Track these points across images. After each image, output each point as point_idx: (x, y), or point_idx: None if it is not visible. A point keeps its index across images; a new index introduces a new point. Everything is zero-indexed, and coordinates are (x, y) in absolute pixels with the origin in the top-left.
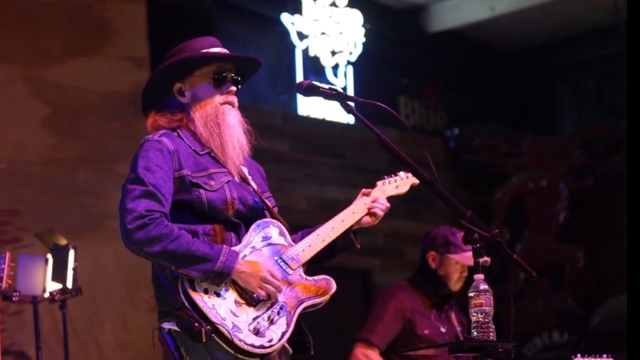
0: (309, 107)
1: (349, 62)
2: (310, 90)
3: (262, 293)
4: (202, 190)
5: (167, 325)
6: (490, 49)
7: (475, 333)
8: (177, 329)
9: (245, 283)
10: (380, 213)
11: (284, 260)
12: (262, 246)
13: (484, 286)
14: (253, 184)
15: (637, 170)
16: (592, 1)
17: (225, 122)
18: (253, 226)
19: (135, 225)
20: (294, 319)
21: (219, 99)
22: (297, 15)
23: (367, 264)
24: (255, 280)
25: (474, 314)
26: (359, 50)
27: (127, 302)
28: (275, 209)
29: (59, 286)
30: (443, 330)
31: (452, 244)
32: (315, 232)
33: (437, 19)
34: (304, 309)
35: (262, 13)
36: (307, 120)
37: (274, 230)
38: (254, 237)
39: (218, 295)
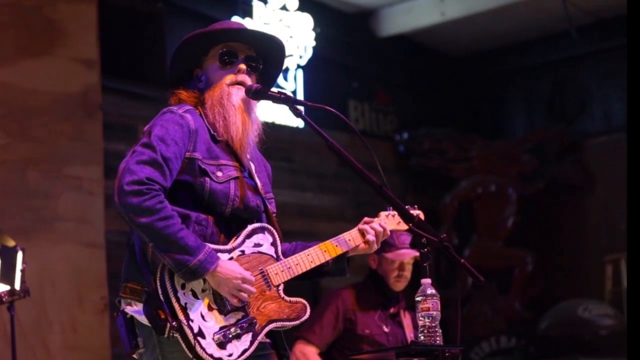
0: (259, 110)
1: (299, 66)
2: (259, 94)
3: (234, 300)
4: (207, 179)
5: (130, 311)
6: (440, 54)
7: (422, 337)
8: (140, 320)
9: (217, 285)
10: (373, 239)
11: (268, 274)
12: (251, 252)
13: (431, 290)
14: (259, 182)
15: (637, 170)
16: (542, 7)
17: (230, 101)
18: (248, 229)
19: (132, 190)
20: (259, 337)
21: (227, 80)
22: (247, 19)
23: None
24: (228, 286)
25: (421, 318)
26: (309, 54)
27: (76, 304)
28: (274, 215)
29: (7, 288)
30: (386, 330)
31: (387, 243)
32: (307, 252)
33: (387, 23)
34: (272, 328)
35: (213, 16)
36: None
37: (267, 239)
38: (246, 241)
39: (194, 295)
